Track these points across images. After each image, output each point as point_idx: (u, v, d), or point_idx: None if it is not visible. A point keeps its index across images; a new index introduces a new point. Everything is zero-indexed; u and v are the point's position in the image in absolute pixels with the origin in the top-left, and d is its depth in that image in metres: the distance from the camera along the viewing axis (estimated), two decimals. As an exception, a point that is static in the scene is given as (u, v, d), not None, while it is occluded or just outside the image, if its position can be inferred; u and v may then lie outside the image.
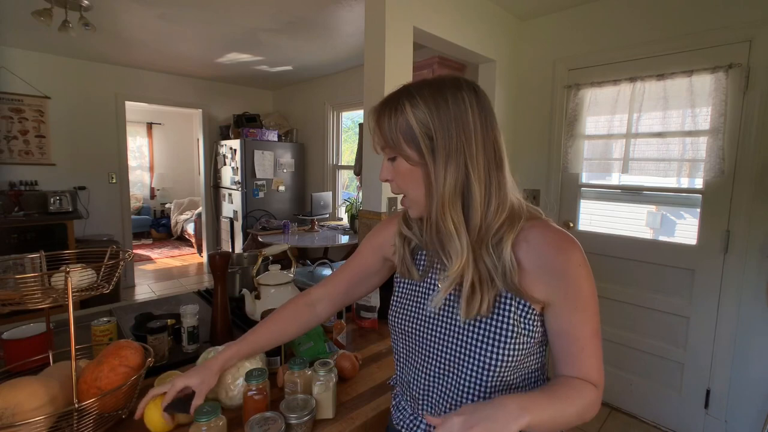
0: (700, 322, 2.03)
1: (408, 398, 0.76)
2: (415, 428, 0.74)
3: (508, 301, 0.63)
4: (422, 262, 0.74)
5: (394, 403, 0.81)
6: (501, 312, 0.63)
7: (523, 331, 0.62)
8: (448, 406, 0.68)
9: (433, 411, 0.71)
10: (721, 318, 1.97)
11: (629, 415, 2.26)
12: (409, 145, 0.61)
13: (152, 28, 2.99)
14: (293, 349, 1.03)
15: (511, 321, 0.62)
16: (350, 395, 0.93)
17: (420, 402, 0.72)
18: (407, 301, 0.74)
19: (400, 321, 0.74)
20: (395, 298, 0.77)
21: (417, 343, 0.71)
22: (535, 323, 0.62)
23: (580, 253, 0.61)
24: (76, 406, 0.70)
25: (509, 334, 0.62)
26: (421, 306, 0.71)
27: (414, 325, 0.71)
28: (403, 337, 0.74)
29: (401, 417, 0.77)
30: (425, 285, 0.72)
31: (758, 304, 1.86)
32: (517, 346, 0.62)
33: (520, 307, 0.62)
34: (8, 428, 0.63)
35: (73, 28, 2.40)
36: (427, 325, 0.70)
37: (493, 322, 0.63)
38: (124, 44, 3.41)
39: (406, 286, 0.76)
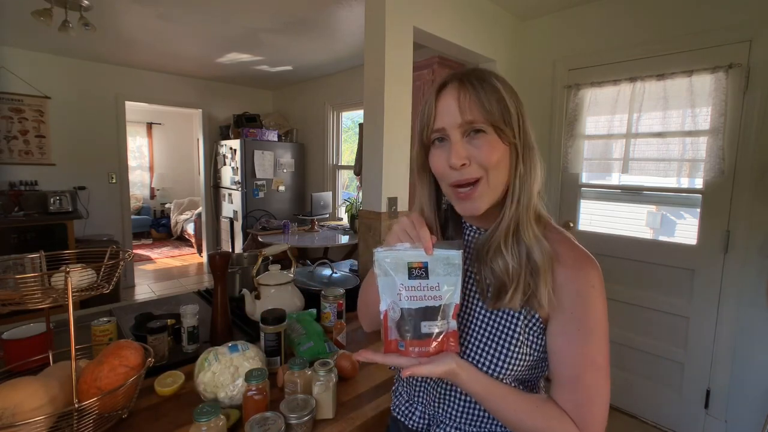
0: (700, 322, 2.03)
1: (405, 384, 0.77)
2: (410, 414, 0.74)
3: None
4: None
5: (393, 388, 0.82)
6: (508, 318, 0.63)
7: (526, 341, 0.61)
8: (440, 396, 0.68)
9: (427, 398, 0.71)
10: (721, 318, 1.97)
11: (629, 415, 2.26)
12: (506, 121, 0.58)
13: (152, 28, 2.98)
14: (293, 349, 1.02)
15: (517, 329, 0.61)
16: (350, 395, 0.93)
17: (416, 388, 0.73)
18: None
19: None
20: None
21: None
22: (538, 336, 0.62)
23: (600, 275, 0.60)
24: (76, 406, 0.70)
25: (512, 342, 0.61)
26: None
27: None
28: None
29: (398, 403, 0.78)
30: None
31: (758, 304, 1.86)
32: (518, 355, 0.61)
33: (528, 317, 0.61)
34: (8, 428, 0.63)
35: (73, 28, 2.40)
36: None
37: (501, 326, 0.63)
38: (124, 44, 3.41)
39: None
